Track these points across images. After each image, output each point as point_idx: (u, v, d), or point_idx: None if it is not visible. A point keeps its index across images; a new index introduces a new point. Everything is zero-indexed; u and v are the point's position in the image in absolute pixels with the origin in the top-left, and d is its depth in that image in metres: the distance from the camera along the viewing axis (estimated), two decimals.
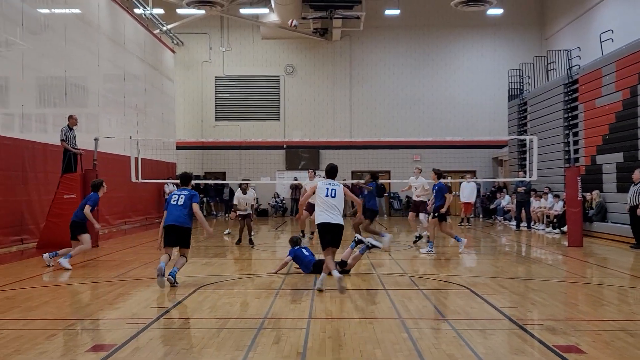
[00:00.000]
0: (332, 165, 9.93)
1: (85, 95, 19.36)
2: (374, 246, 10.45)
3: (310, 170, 19.19)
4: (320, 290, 9.17)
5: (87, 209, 12.34)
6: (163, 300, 8.81)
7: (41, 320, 7.46)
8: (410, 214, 17.20)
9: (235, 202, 16.32)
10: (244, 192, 16.24)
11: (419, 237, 16.44)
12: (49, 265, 11.89)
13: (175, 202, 9.91)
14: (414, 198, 17.23)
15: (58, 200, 15.56)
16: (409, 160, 30.69)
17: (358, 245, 10.57)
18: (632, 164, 16.93)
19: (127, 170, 18.59)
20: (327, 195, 9.44)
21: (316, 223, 9.59)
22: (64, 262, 11.69)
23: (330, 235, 9.35)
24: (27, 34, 15.78)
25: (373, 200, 14.97)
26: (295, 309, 8.10)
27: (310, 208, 15.32)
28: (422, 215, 17.00)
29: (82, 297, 8.97)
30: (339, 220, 9.41)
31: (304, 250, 11.38)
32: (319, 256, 10.91)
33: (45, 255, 12.15)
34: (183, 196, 10.00)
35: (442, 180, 14.94)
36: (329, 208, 9.38)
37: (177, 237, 9.94)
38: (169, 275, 9.49)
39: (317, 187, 9.63)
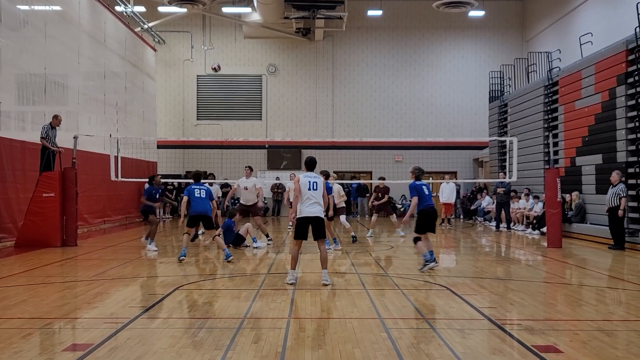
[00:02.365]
0: (310, 157, 10.37)
1: (65, 92, 19.18)
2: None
3: (292, 174, 19.07)
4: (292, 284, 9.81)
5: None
6: (142, 300, 8.74)
7: (17, 320, 7.37)
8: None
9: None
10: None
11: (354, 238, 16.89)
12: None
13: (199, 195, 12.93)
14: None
15: (37, 199, 15.44)
16: (390, 160, 30.85)
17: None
18: (611, 165, 17.10)
19: (106, 169, 18.47)
20: (309, 189, 9.86)
21: (297, 216, 9.96)
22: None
23: (306, 229, 9.90)
24: (6, 30, 15.60)
25: None
26: (275, 309, 8.08)
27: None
28: (342, 217, 17.26)
29: (59, 296, 8.87)
30: (320, 213, 9.92)
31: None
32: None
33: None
34: (204, 190, 13.02)
35: (329, 181, 14.81)
36: (311, 202, 9.83)
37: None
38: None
39: (299, 181, 9.95)
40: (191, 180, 13.88)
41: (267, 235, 16.17)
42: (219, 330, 6.87)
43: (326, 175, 15.32)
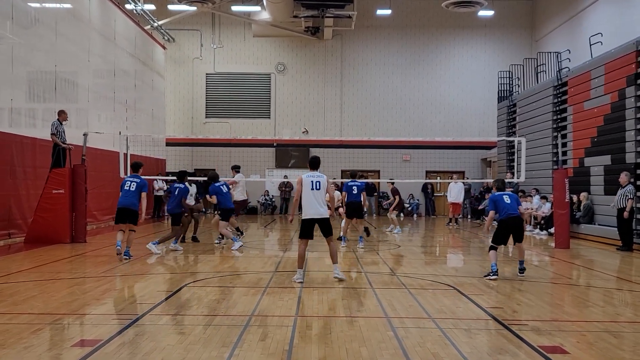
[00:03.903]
0: (314, 157, 10.43)
1: (75, 90, 19.28)
2: None
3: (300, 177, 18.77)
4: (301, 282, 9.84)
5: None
6: (150, 297, 8.80)
7: (27, 315, 7.45)
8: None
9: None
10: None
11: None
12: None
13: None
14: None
15: (46, 195, 15.54)
16: (398, 160, 30.82)
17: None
18: (620, 166, 17.05)
19: (115, 166, 18.55)
20: (312, 189, 9.94)
21: (303, 217, 10.06)
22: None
23: (311, 229, 9.99)
24: (17, 27, 15.70)
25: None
26: (282, 307, 8.12)
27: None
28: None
29: (68, 292, 8.94)
30: (325, 213, 9.99)
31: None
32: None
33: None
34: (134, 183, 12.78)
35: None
36: (314, 202, 9.91)
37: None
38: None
39: (302, 181, 10.02)
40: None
41: (238, 229, 16.21)
42: (226, 328, 6.92)
43: (354, 175, 15.61)
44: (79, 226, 15.84)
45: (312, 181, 9.95)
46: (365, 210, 16.85)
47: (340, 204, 16.99)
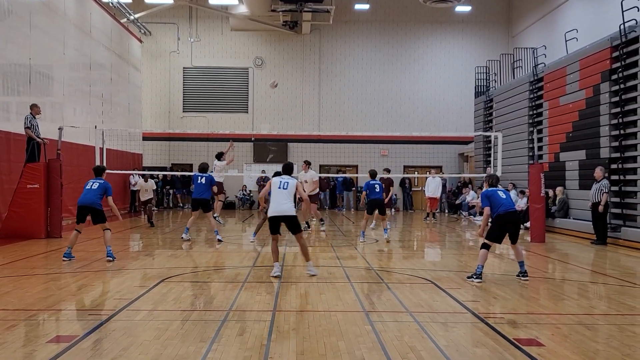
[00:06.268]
0: (287, 163, 10.65)
1: (50, 83, 19.03)
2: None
3: (304, 164, 18.64)
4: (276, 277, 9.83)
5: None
6: (127, 292, 8.74)
7: (1, 311, 7.35)
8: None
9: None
10: (146, 181, 19.48)
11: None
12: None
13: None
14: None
15: (21, 190, 15.36)
16: (376, 155, 30.89)
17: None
18: (594, 161, 17.27)
19: (91, 161, 18.38)
20: (279, 188, 10.09)
21: (268, 215, 10.19)
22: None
23: (278, 225, 10.10)
24: None
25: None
26: (260, 301, 8.11)
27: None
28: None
29: (44, 288, 8.85)
30: (290, 211, 10.04)
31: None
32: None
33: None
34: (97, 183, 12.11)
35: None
36: (278, 200, 10.01)
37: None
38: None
39: (271, 182, 10.29)
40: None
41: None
42: (204, 323, 6.90)
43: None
44: (54, 221, 15.68)
45: (280, 181, 10.13)
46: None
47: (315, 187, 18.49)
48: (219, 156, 18.97)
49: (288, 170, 10.47)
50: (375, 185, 15.98)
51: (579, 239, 17.01)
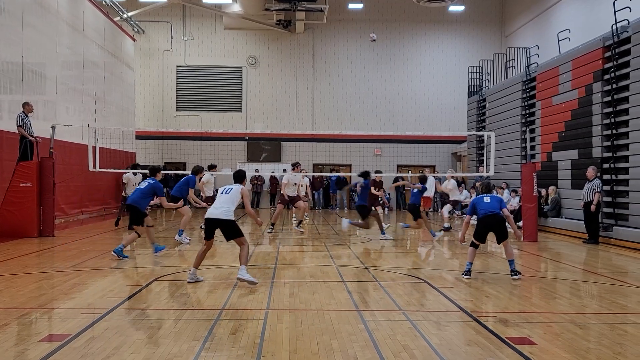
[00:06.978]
0: (238, 170, 10.06)
1: (42, 81, 18.96)
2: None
3: (298, 165, 18.42)
4: (190, 282, 9.31)
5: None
6: (119, 291, 8.73)
7: None
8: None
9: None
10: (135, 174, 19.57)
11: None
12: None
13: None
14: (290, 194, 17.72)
15: (14, 189, 15.31)
16: (370, 154, 30.92)
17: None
18: (587, 161, 17.34)
19: (84, 159, 18.34)
20: (221, 193, 9.58)
21: (205, 216, 9.52)
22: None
23: (212, 230, 9.40)
24: None
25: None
26: (253, 300, 8.11)
27: (284, 202, 17.53)
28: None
29: (36, 287, 8.82)
30: (224, 215, 9.28)
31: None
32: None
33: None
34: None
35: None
36: (216, 203, 9.43)
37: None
38: None
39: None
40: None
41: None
42: (197, 322, 6.89)
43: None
44: (47, 220, 15.64)
45: (225, 187, 9.63)
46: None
47: (305, 193, 19.20)
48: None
49: (239, 178, 9.89)
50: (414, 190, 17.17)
51: (571, 238, 17.08)
